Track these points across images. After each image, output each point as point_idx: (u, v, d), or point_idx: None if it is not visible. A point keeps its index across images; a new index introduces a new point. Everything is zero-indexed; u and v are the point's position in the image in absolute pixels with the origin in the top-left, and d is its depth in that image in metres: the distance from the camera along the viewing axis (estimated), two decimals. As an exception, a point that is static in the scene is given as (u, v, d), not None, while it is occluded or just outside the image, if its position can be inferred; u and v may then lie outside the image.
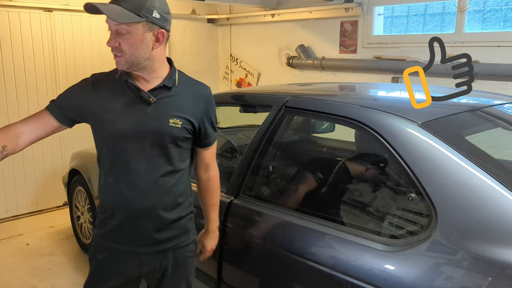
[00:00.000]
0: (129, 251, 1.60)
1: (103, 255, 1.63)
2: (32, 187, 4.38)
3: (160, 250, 1.61)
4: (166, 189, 1.57)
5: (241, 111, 2.41)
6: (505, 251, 1.25)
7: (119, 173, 1.55)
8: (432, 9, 3.83)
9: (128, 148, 1.52)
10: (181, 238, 1.65)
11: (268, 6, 4.85)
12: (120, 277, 1.63)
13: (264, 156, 2.06)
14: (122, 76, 1.54)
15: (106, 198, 1.62)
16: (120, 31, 1.42)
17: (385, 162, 1.84)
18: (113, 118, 1.51)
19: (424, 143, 1.53)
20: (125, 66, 1.48)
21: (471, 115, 1.89)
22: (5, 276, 3.20)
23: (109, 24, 1.43)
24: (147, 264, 1.62)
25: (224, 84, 5.68)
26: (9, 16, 3.98)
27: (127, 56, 1.45)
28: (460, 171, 1.43)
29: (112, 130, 1.52)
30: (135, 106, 1.52)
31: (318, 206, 1.93)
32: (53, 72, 4.30)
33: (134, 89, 1.52)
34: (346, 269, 1.50)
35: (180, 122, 1.54)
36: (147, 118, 1.51)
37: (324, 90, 2.60)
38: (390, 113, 1.68)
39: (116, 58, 1.46)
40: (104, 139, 1.57)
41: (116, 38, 1.43)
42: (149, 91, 1.52)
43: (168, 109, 1.54)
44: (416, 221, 1.54)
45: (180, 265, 1.67)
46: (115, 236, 1.60)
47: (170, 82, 1.56)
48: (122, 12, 1.39)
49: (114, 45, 1.44)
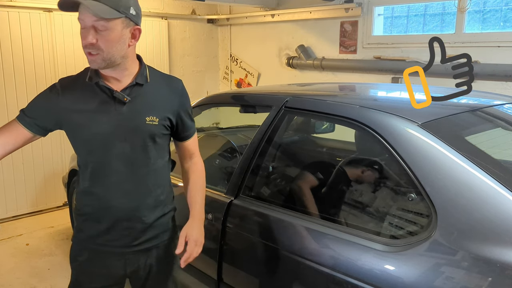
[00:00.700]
0: (112, 251, 1.58)
1: (84, 256, 1.61)
2: (32, 188, 4.38)
3: (144, 249, 1.60)
4: (148, 187, 1.56)
5: (241, 111, 2.41)
6: (505, 251, 1.25)
7: (99, 176, 1.52)
8: (432, 10, 3.83)
9: (107, 150, 1.49)
10: (164, 235, 1.65)
11: (268, 6, 4.85)
12: (104, 278, 1.61)
13: (264, 157, 2.06)
14: (91, 78, 1.49)
15: (87, 202, 1.58)
16: (98, 27, 1.36)
17: (385, 162, 1.84)
18: (88, 121, 1.48)
19: (424, 144, 1.53)
20: (102, 65, 1.42)
21: (471, 115, 1.89)
22: (5, 276, 3.20)
23: (84, 21, 1.37)
24: (132, 263, 1.61)
25: (224, 84, 5.68)
26: (9, 16, 3.98)
27: (104, 53, 1.40)
28: (460, 172, 1.43)
29: (89, 134, 1.49)
30: (110, 107, 1.48)
31: (318, 206, 1.93)
32: (53, 72, 4.30)
33: (106, 90, 1.49)
34: (346, 269, 1.49)
35: (157, 119, 1.52)
36: (123, 118, 1.49)
37: (324, 90, 2.60)
38: (390, 113, 1.68)
39: (90, 56, 1.40)
40: (81, 144, 1.53)
41: (93, 35, 1.37)
42: (121, 90, 1.49)
43: (144, 107, 1.51)
44: (416, 222, 1.54)
45: (164, 262, 1.67)
46: (99, 240, 1.58)
47: (142, 79, 1.53)
48: (102, 8, 1.34)
49: (92, 42, 1.37)
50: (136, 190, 1.54)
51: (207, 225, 2.03)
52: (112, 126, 1.48)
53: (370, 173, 1.93)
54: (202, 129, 3.32)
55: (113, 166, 1.51)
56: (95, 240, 1.59)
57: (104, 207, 1.54)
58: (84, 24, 1.38)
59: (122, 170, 1.51)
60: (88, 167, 1.54)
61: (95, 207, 1.56)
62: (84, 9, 1.36)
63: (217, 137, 3.17)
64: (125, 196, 1.53)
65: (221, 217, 1.98)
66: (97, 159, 1.52)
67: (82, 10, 1.37)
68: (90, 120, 1.48)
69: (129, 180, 1.53)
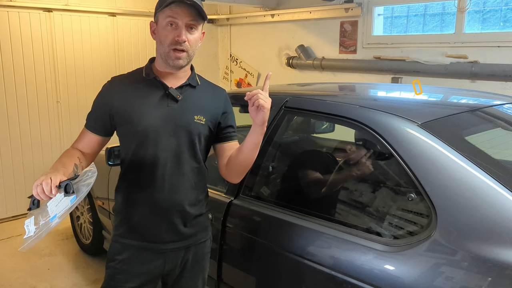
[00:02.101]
0: (153, 248, 1.60)
1: (124, 255, 1.62)
2: (32, 188, 4.37)
3: (184, 246, 1.63)
4: (191, 184, 1.61)
5: (241, 111, 2.40)
6: (505, 251, 1.25)
7: (147, 169, 1.56)
8: (432, 10, 3.83)
9: (156, 144, 1.54)
10: (201, 234, 1.68)
11: (268, 6, 4.86)
12: (142, 276, 1.62)
13: (264, 156, 2.06)
14: (149, 74, 1.58)
15: (128, 195, 1.61)
16: (190, 27, 1.49)
17: (385, 162, 1.83)
18: (141, 115, 1.53)
19: (424, 143, 1.53)
20: (185, 62, 1.53)
21: (471, 115, 1.89)
22: (4, 276, 3.20)
23: (181, 19, 1.47)
24: (171, 261, 1.63)
25: (224, 84, 5.68)
26: (9, 16, 3.98)
27: (190, 51, 1.52)
28: (460, 171, 1.43)
29: (141, 126, 1.53)
30: (163, 103, 1.55)
31: (318, 206, 1.93)
32: (53, 72, 4.30)
33: (161, 87, 1.56)
34: (346, 269, 1.49)
35: (204, 119, 1.59)
36: (175, 114, 1.55)
37: (324, 90, 2.60)
38: (390, 113, 1.68)
39: (178, 53, 1.50)
40: (132, 136, 1.57)
41: (184, 33, 1.48)
42: (176, 88, 1.57)
43: (193, 106, 1.59)
44: (416, 222, 1.54)
45: (198, 261, 1.69)
46: (139, 233, 1.60)
47: (194, 81, 1.62)
48: (203, 9, 1.48)
49: (185, 39, 1.48)
50: (180, 184, 1.58)
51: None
52: (163, 121, 1.54)
53: (369, 173, 1.93)
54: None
55: (161, 160, 1.55)
56: (136, 237, 1.60)
57: (147, 198, 1.57)
58: (178, 22, 1.48)
59: (168, 164, 1.56)
60: (136, 160, 1.58)
61: (135, 198, 1.59)
62: (189, 8, 1.45)
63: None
64: (170, 189, 1.57)
65: (221, 217, 1.98)
66: (146, 152, 1.55)
67: (183, 8, 1.46)
68: (143, 113, 1.53)
69: (175, 175, 1.57)
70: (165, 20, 1.48)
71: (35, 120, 4.29)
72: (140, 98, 1.55)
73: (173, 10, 1.46)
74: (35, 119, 4.29)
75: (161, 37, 1.51)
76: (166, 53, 1.51)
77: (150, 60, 1.63)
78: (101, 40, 4.59)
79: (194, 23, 1.49)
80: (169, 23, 1.48)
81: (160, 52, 1.54)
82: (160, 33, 1.51)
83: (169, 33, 1.48)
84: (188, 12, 1.46)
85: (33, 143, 4.33)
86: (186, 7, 1.45)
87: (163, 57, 1.54)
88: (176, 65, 1.53)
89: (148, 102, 1.54)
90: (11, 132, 4.18)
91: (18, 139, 4.23)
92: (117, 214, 1.65)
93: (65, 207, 1.29)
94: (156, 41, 1.56)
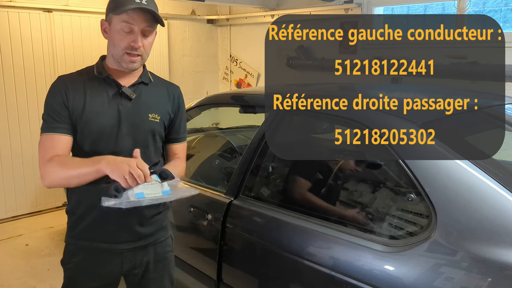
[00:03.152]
0: (110, 249, 1.58)
1: (80, 257, 1.60)
2: (31, 188, 4.38)
3: (142, 246, 1.62)
4: None
5: (240, 112, 2.41)
6: (505, 251, 1.25)
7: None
8: (432, 10, 3.83)
9: (110, 144, 1.52)
10: (160, 233, 1.68)
11: (267, 7, 4.86)
12: (99, 278, 1.61)
13: (264, 157, 2.06)
14: (101, 73, 1.55)
15: (83, 196, 1.56)
16: (146, 32, 1.48)
17: (384, 162, 1.83)
18: (94, 114, 1.51)
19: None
20: (139, 65, 1.53)
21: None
22: (4, 277, 3.20)
23: (135, 24, 1.45)
24: (128, 261, 1.61)
25: (223, 84, 5.68)
26: (8, 16, 3.98)
27: (144, 55, 1.52)
28: (460, 172, 1.43)
29: (95, 125, 1.51)
30: (116, 102, 1.54)
31: (318, 206, 1.93)
32: (53, 72, 4.29)
33: (114, 85, 1.54)
34: (346, 270, 1.49)
35: (158, 117, 1.59)
36: (128, 113, 1.54)
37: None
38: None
39: (133, 57, 1.49)
40: (85, 136, 1.52)
41: (140, 39, 1.47)
42: (129, 87, 1.56)
43: (147, 104, 1.58)
44: (415, 222, 1.53)
45: (161, 260, 1.68)
46: (94, 234, 1.57)
47: (146, 78, 1.61)
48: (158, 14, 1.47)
49: (140, 45, 1.47)
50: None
51: (206, 225, 2.03)
52: (117, 120, 1.53)
53: (369, 174, 1.93)
54: (202, 130, 3.32)
55: None
56: (91, 238, 1.58)
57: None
58: (134, 28, 1.46)
59: None
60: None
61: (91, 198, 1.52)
62: (145, 14, 1.44)
63: (216, 138, 3.17)
64: None
65: (220, 217, 1.97)
66: (101, 151, 1.52)
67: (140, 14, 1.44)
68: (96, 113, 1.51)
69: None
70: (120, 24, 1.45)
71: (35, 120, 4.29)
72: (94, 97, 1.52)
73: (130, 16, 1.43)
74: (35, 119, 4.28)
75: (115, 40, 1.48)
76: (119, 56, 1.49)
77: (101, 58, 1.61)
78: (100, 40, 4.58)
79: (150, 29, 1.49)
80: (124, 28, 1.45)
81: (113, 53, 1.51)
82: (114, 36, 1.48)
83: (124, 37, 1.46)
84: (145, 18, 1.45)
85: (33, 143, 4.33)
86: (143, 12, 1.44)
87: (115, 59, 1.51)
88: (130, 68, 1.52)
89: (102, 101, 1.52)
90: (11, 132, 4.18)
91: (18, 139, 4.23)
92: (71, 215, 1.63)
93: (155, 194, 1.34)
94: (108, 41, 1.53)
